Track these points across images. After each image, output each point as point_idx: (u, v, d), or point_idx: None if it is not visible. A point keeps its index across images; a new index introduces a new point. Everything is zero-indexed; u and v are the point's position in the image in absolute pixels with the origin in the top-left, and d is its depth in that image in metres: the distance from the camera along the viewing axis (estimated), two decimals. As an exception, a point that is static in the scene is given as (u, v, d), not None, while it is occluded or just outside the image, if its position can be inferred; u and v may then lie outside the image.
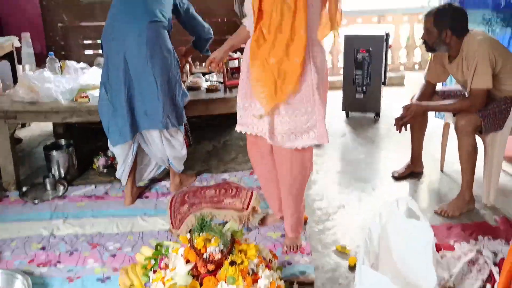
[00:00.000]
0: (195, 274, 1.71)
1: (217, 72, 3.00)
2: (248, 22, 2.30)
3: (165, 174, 3.27)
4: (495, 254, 2.33)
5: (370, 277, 1.69)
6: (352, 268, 2.33)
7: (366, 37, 4.26)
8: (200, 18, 3.08)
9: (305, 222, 2.71)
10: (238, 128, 2.39)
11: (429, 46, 2.82)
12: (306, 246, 2.50)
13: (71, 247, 2.58)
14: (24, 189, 3.20)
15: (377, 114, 4.37)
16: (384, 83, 4.47)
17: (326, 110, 2.25)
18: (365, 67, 4.22)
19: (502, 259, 2.26)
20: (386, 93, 4.80)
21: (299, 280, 2.21)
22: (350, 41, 4.24)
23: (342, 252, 2.46)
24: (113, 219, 2.82)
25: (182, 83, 2.96)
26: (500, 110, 2.72)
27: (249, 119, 2.30)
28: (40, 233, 2.72)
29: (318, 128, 2.18)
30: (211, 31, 3.16)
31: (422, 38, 2.86)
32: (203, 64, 3.78)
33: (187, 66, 3.40)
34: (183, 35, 3.20)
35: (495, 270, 2.20)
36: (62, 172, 3.32)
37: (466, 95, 2.87)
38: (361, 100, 4.33)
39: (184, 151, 3.02)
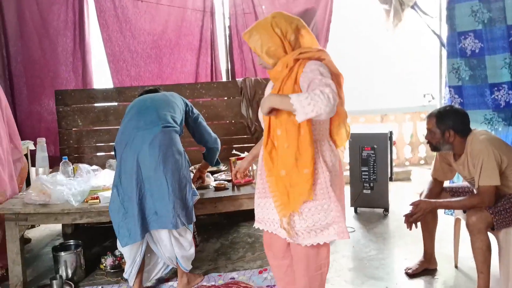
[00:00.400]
0: None
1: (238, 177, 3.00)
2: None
3: (173, 274, 3.20)
4: None
5: None
6: None
7: (370, 135, 4.36)
8: (208, 128, 3.23)
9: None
10: (256, 225, 2.37)
11: (433, 145, 2.87)
12: None
13: None
14: (31, 291, 3.12)
15: (386, 210, 4.33)
16: (390, 179, 4.49)
17: (344, 205, 2.23)
18: (370, 164, 4.28)
19: None
20: (393, 188, 4.80)
21: None
22: (355, 139, 4.33)
23: None
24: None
25: (192, 183, 3.00)
26: (511, 206, 2.70)
27: (266, 216, 2.29)
28: None
29: (338, 224, 2.12)
30: (218, 141, 3.29)
31: (426, 138, 2.91)
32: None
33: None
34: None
35: None
36: (70, 273, 3.24)
37: (475, 191, 2.87)
38: (369, 195, 4.32)
39: (192, 250, 2.97)
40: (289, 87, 2.09)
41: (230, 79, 4.75)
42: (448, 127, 2.75)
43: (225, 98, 4.25)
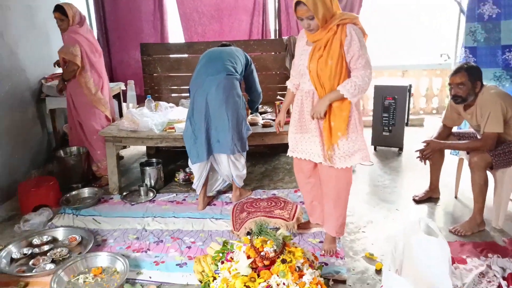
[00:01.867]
0: (253, 267, 1.72)
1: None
2: (290, 84, 2.44)
3: (229, 187, 3.33)
4: (504, 269, 2.19)
5: (394, 280, 1.65)
6: (378, 271, 2.26)
7: (392, 87, 4.19)
8: (257, 83, 3.21)
9: (340, 233, 2.67)
10: (289, 154, 2.43)
11: (462, 98, 2.59)
12: (340, 251, 2.45)
13: (158, 239, 2.67)
14: (124, 193, 3.35)
15: (400, 149, 4.24)
16: (406, 124, 4.37)
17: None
18: (391, 111, 4.15)
19: (510, 274, 2.12)
20: (408, 132, 4.66)
21: (334, 278, 2.17)
22: (379, 90, 4.19)
23: (370, 258, 2.39)
24: (189, 220, 2.89)
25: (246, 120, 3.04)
26: (510, 150, 2.59)
27: (299, 147, 2.35)
28: (135, 227, 2.83)
29: (362, 151, 2.24)
30: (261, 96, 3.32)
31: (454, 92, 2.61)
32: (260, 105, 3.90)
33: None
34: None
35: (503, 283, 2.07)
36: (152, 182, 3.45)
37: (479, 137, 2.76)
38: (387, 137, 4.23)
39: (244, 171, 3.07)
40: (336, 50, 2.09)
41: (277, 37, 4.61)
42: (477, 79, 2.56)
43: (273, 53, 4.15)
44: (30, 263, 2.42)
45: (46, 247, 2.57)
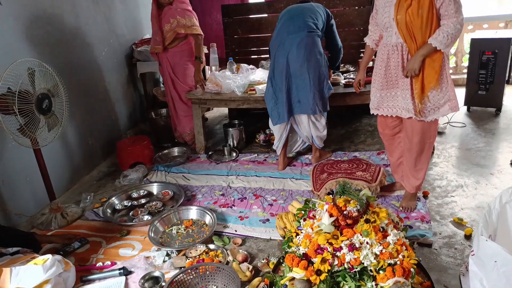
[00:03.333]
0: (336, 225, 1.75)
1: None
2: (369, 40, 2.37)
3: (308, 149, 3.35)
4: None
5: (488, 246, 1.57)
6: (467, 237, 2.16)
7: (492, 40, 3.75)
8: (337, 38, 3.04)
9: (426, 197, 2.57)
10: (373, 112, 2.38)
11: None
12: (426, 215, 2.38)
13: (242, 196, 2.82)
14: (210, 153, 3.55)
15: (499, 109, 3.85)
16: (507, 82, 3.91)
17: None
18: (489, 67, 3.73)
19: None
20: (509, 91, 4.19)
21: (419, 241, 2.13)
22: (476, 44, 3.78)
23: (459, 223, 2.29)
24: (270, 179, 3.00)
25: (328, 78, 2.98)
26: None
27: (385, 104, 2.30)
28: (220, 184, 3.02)
29: (452, 101, 2.15)
30: (342, 51, 3.12)
31: None
32: (342, 64, 3.77)
33: None
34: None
35: None
36: (235, 143, 3.62)
37: None
38: (483, 96, 3.84)
39: (325, 132, 3.06)
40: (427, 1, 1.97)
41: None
42: None
43: (356, 7, 3.93)
44: (130, 214, 2.74)
45: (143, 200, 2.87)
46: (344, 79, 3.43)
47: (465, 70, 4.01)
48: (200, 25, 3.58)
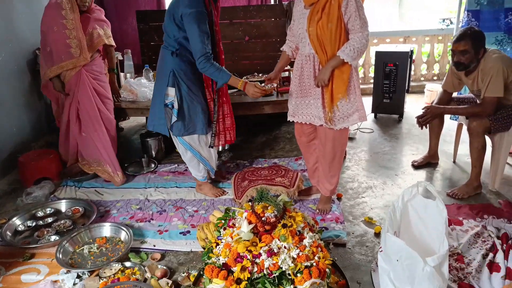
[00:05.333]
0: (255, 232, 1.77)
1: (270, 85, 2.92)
2: (286, 47, 2.45)
3: (231, 158, 3.37)
4: (498, 229, 2.27)
5: (393, 242, 1.70)
6: (377, 235, 2.33)
7: (393, 53, 4.15)
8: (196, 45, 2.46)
9: (339, 199, 2.73)
10: (290, 118, 2.47)
11: (464, 65, 2.55)
12: (340, 216, 2.51)
13: (161, 208, 2.72)
14: (125, 165, 3.36)
15: (401, 116, 4.25)
16: (407, 91, 4.35)
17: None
18: (392, 78, 4.12)
19: (505, 234, 2.20)
20: (409, 99, 4.66)
21: (335, 242, 2.24)
22: (380, 56, 4.14)
23: (369, 222, 2.46)
24: (191, 189, 2.94)
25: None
26: (508, 115, 2.60)
27: (300, 111, 2.39)
28: (137, 197, 2.88)
29: (360, 111, 2.30)
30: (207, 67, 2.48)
31: (457, 59, 2.56)
32: (260, 74, 3.87)
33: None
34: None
35: (497, 242, 2.14)
36: (154, 153, 3.48)
37: (478, 101, 2.76)
38: (388, 104, 4.23)
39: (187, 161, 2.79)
40: (334, 12, 2.09)
41: (277, 3, 4.51)
42: (481, 46, 2.52)
43: (272, 19, 4.08)
44: (35, 235, 2.48)
45: (50, 219, 2.62)
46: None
47: (372, 80, 4.36)
48: (113, 31, 3.40)
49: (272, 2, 4.57)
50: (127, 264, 2.15)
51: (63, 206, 2.78)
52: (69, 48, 2.86)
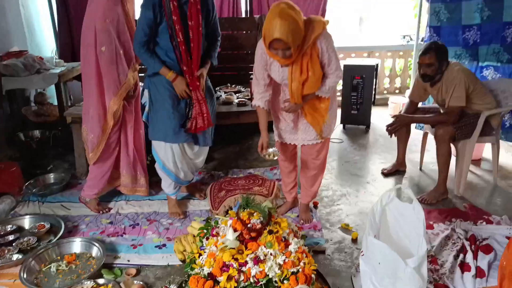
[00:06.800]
0: (241, 240, 1.74)
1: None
2: (261, 102, 2.32)
3: (204, 170, 3.32)
4: (466, 231, 2.38)
5: (374, 245, 1.74)
6: (354, 241, 2.37)
7: (360, 66, 4.31)
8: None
9: (316, 207, 2.75)
10: (277, 138, 2.50)
11: (430, 76, 2.70)
12: (318, 223, 2.54)
13: (133, 222, 2.62)
14: (94, 178, 3.23)
15: (368, 126, 4.40)
16: (373, 103, 4.51)
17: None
18: (359, 90, 4.27)
19: (472, 235, 2.32)
20: (374, 111, 4.83)
21: (314, 249, 2.25)
22: (348, 70, 4.27)
23: (346, 228, 2.50)
24: (165, 202, 2.83)
25: None
26: (470, 123, 2.77)
27: (288, 137, 2.44)
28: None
29: (335, 118, 2.42)
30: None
31: (423, 72, 2.71)
32: (233, 85, 3.89)
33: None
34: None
35: (466, 243, 2.25)
36: (124, 165, 3.35)
37: (442, 111, 2.91)
38: (355, 115, 4.37)
39: None
40: (317, 65, 2.09)
41: (249, 16, 4.58)
42: (445, 59, 2.68)
43: (244, 31, 4.13)
44: (-6, 254, 2.30)
45: (11, 237, 2.44)
46: (237, 98, 3.52)
47: (340, 93, 4.49)
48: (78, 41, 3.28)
49: (244, 15, 4.61)
50: (100, 281, 2.03)
51: (26, 222, 2.61)
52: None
